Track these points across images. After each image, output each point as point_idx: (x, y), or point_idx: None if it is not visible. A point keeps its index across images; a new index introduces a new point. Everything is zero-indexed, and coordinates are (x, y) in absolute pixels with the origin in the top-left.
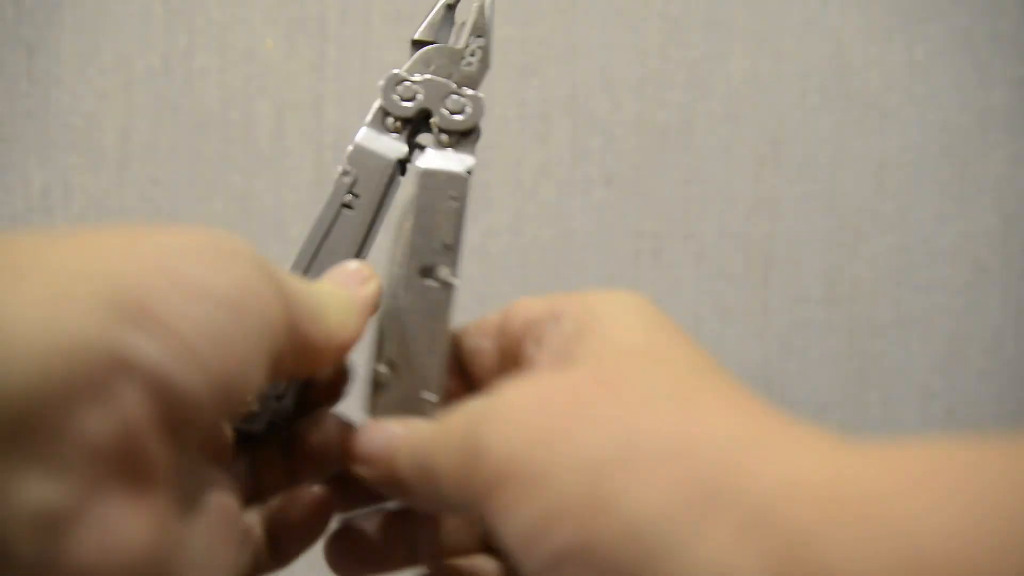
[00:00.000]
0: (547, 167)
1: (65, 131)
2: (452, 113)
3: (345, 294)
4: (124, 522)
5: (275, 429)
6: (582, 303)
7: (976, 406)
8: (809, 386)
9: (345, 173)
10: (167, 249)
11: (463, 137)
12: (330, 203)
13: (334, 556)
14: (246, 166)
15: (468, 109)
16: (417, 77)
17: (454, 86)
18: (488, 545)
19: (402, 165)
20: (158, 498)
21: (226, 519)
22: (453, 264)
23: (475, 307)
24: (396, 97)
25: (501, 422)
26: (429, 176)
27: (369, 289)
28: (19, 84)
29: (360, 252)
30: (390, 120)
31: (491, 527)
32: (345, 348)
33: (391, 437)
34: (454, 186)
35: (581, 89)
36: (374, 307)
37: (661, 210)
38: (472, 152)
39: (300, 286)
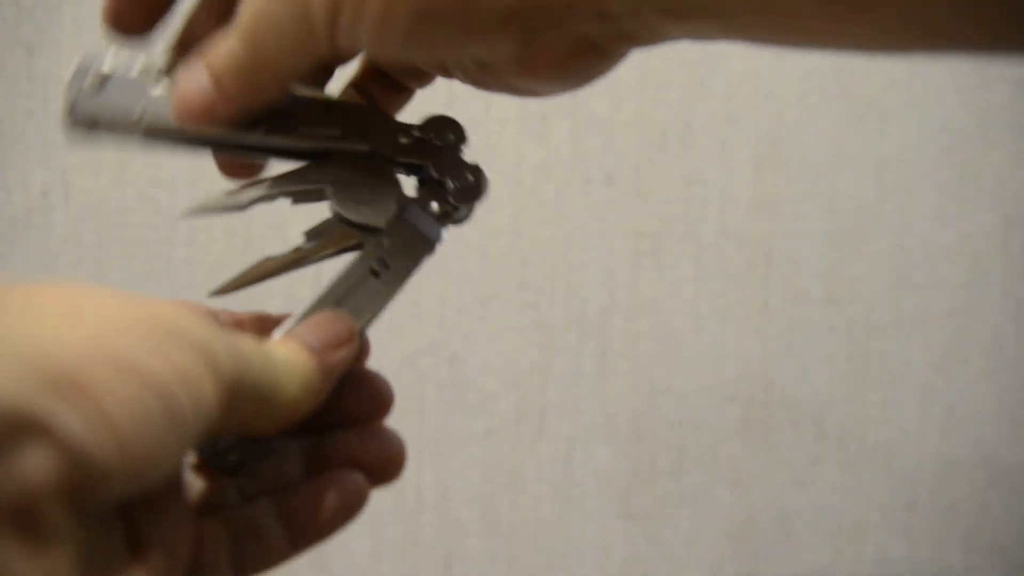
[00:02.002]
0: (547, 167)
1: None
2: (459, 190)
3: (305, 366)
4: None
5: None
6: None
7: (976, 406)
8: (809, 386)
9: (384, 236)
10: (108, 323)
11: (454, 213)
12: (359, 262)
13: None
14: None
15: (476, 189)
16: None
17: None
18: None
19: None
20: (54, 558)
21: (160, 560)
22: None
23: (475, 307)
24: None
25: None
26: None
27: (338, 355)
28: (19, 84)
29: (372, 322)
30: (437, 204)
31: (350, 48)
32: (296, 421)
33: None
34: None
35: (581, 89)
36: (341, 372)
37: (661, 210)
38: (445, 226)
39: (252, 363)
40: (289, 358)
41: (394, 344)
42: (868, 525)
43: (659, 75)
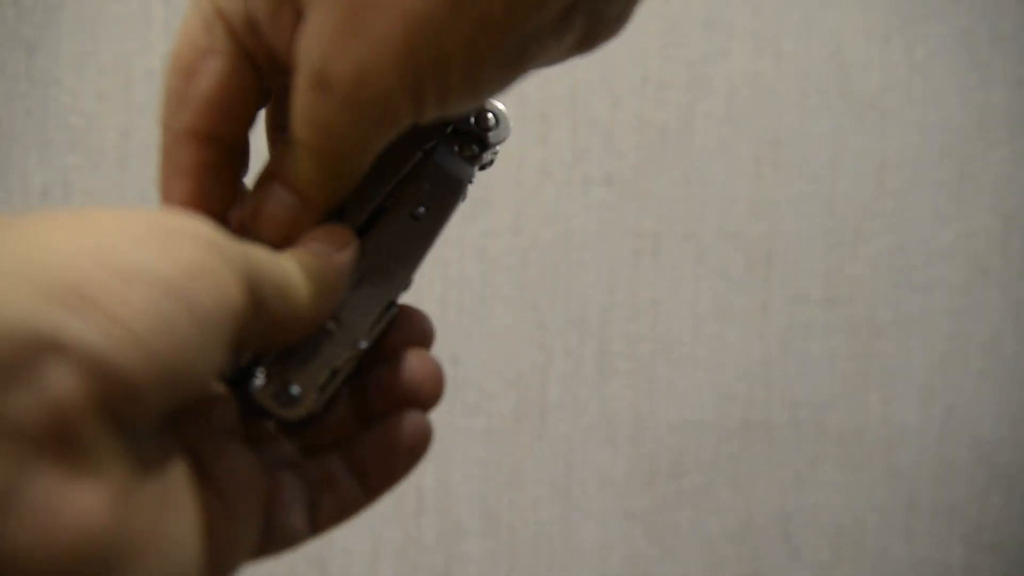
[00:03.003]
0: (547, 167)
1: (65, 131)
2: (481, 129)
3: (317, 264)
4: (63, 505)
5: (333, 402)
6: None
7: (976, 406)
8: (809, 386)
9: (418, 185)
10: (107, 234)
11: (482, 152)
12: (399, 210)
13: None
14: None
15: (498, 127)
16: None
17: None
18: None
19: (466, 186)
20: (101, 480)
21: (217, 494)
22: (361, 213)
23: (475, 307)
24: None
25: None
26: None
27: (345, 255)
28: (19, 84)
29: (418, 265)
30: (463, 145)
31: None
32: (319, 319)
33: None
34: (404, 156)
35: (581, 89)
36: (351, 271)
37: (661, 210)
38: (474, 167)
39: (264, 263)
40: (298, 259)
41: None
42: (868, 525)
43: (659, 75)
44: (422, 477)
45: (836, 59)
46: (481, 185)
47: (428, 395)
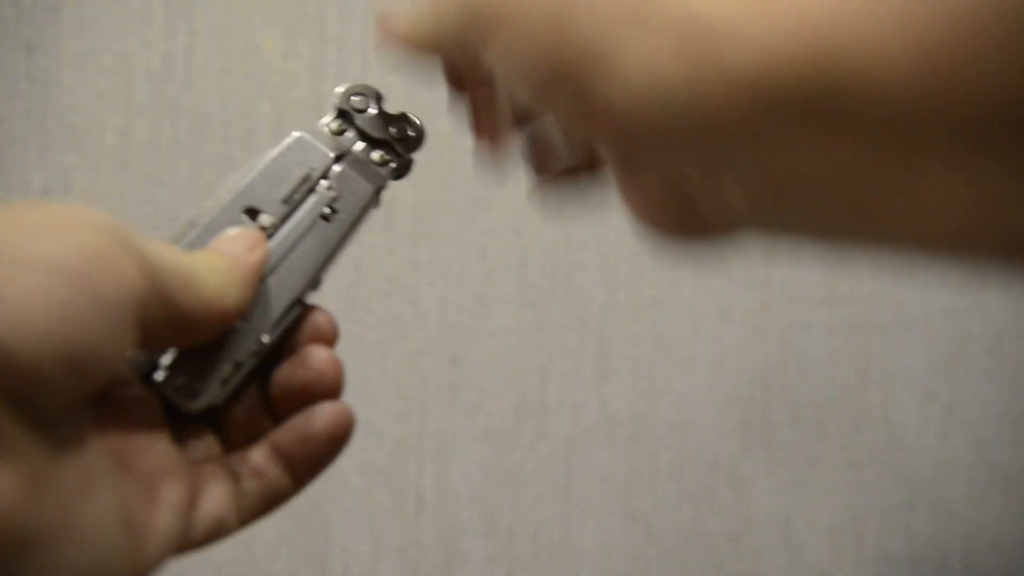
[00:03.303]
0: None
1: (65, 131)
2: (395, 139)
3: (225, 262)
4: None
5: (239, 393)
6: None
7: (976, 406)
8: (809, 386)
9: (328, 188)
10: (5, 225)
11: (397, 161)
12: (309, 212)
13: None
14: None
15: (411, 136)
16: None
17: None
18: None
19: (378, 194)
20: (10, 465)
21: (138, 483)
22: (275, 216)
23: (475, 307)
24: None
25: None
26: (300, 142)
27: (255, 256)
28: (19, 84)
29: (326, 265)
30: (377, 154)
31: (483, 59)
32: (228, 316)
33: (403, 20)
34: (317, 160)
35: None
36: (261, 273)
37: None
38: (389, 177)
39: (170, 255)
40: (204, 256)
41: (395, 345)
42: (868, 525)
43: None
44: (422, 476)
45: None
46: (481, 185)
47: (329, 387)
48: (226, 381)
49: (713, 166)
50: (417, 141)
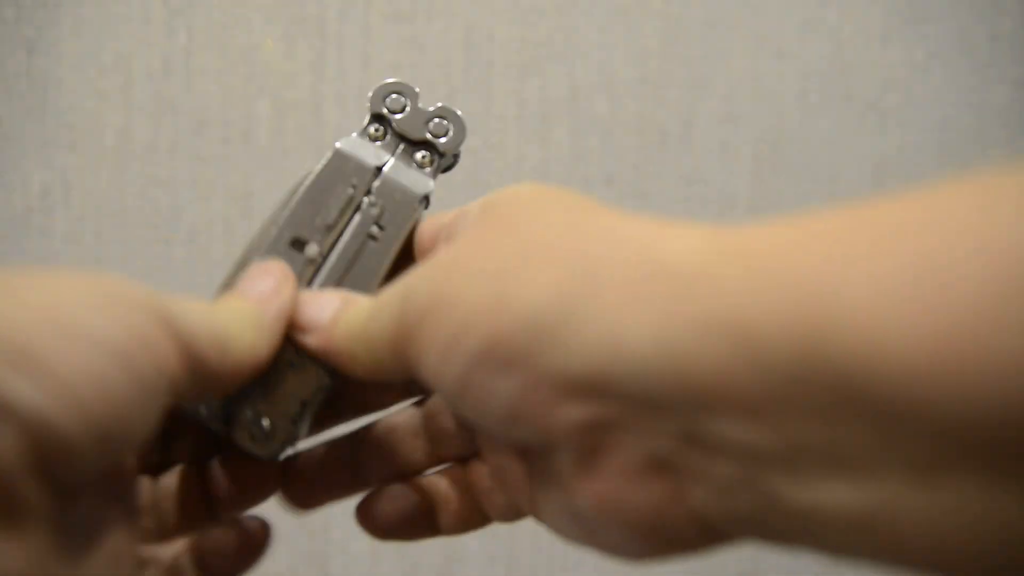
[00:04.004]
0: (547, 167)
1: (65, 131)
2: (435, 137)
3: (253, 312)
4: None
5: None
6: (484, 198)
7: None
8: None
9: (372, 204)
10: (54, 295)
11: (440, 160)
12: (355, 233)
13: (288, 489)
14: (246, 166)
15: (451, 133)
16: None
17: (436, 110)
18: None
19: (426, 199)
20: (32, 537)
21: (119, 558)
22: (323, 245)
23: None
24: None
25: (421, 273)
26: (339, 157)
27: (282, 298)
28: (19, 84)
29: (379, 287)
30: (419, 155)
31: (420, 376)
32: (258, 366)
33: (332, 308)
34: (359, 175)
35: (581, 89)
36: (288, 315)
37: (661, 210)
38: (434, 177)
39: (200, 317)
40: (233, 306)
41: None
42: None
43: (659, 75)
44: None
45: (836, 59)
46: (481, 185)
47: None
48: (296, 420)
49: (693, 436)
50: (459, 135)
